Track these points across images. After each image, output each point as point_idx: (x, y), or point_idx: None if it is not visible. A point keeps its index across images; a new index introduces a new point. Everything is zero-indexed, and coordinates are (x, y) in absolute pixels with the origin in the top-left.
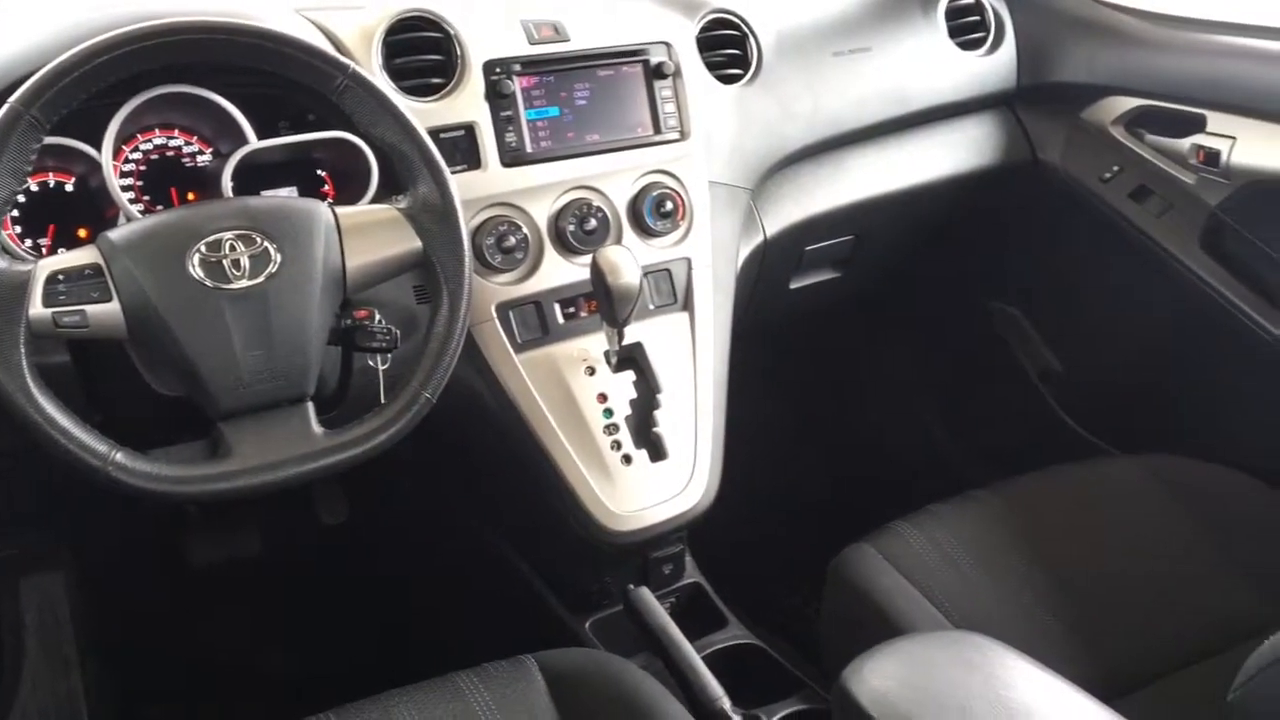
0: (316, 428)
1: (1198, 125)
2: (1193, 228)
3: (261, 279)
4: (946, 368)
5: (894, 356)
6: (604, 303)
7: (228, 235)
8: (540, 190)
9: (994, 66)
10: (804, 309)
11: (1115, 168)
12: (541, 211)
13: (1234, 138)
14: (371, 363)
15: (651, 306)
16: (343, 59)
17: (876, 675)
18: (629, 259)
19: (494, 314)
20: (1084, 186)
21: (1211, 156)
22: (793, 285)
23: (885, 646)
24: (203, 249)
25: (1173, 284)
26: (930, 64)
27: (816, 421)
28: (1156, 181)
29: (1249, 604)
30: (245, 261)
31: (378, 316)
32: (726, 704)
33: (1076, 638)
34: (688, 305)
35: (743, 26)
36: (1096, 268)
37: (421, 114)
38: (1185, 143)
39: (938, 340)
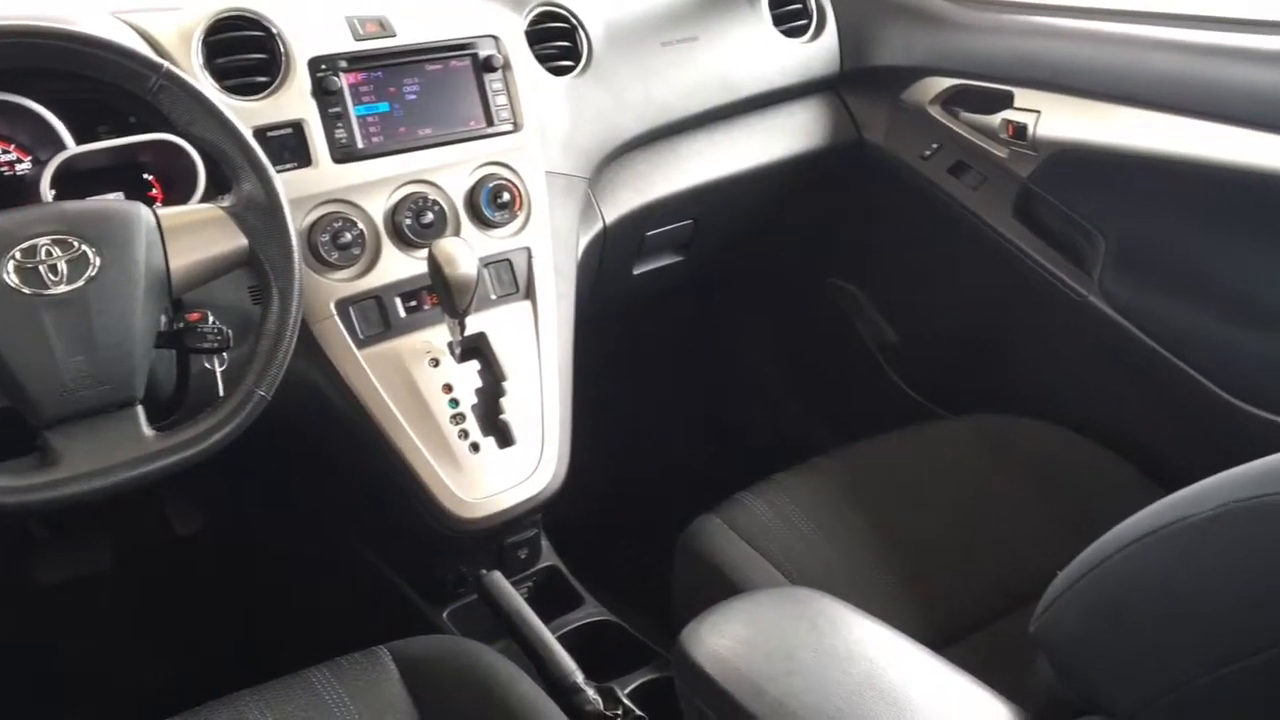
0: (148, 430)
1: (1006, 101)
2: (1006, 198)
3: (80, 283)
4: (792, 343)
5: (741, 334)
6: (443, 294)
7: (43, 240)
8: (374, 185)
9: (817, 53)
10: (650, 292)
11: (934, 145)
12: (377, 207)
13: (1038, 111)
14: (208, 364)
15: (493, 296)
16: (156, 59)
17: (713, 635)
18: (465, 250)
19: (333, 311)
20: (907, 164)
21: (1019, 130)
22: (636, 271)
23: (720, 607)
24: (17, 255)
25: (992, 253)
26: (756, 52)
27: (668, 400)
28: (972, 156)
29: (1066, 549)
30: (63, 266)
31: (210, 318)
32: (580, 678)
33: (909, 590)
34: (530, 294)
35: (571, 19)
36: (923, 241)
37: (246, 113)
38: (996, 118)
39: (782, 317)
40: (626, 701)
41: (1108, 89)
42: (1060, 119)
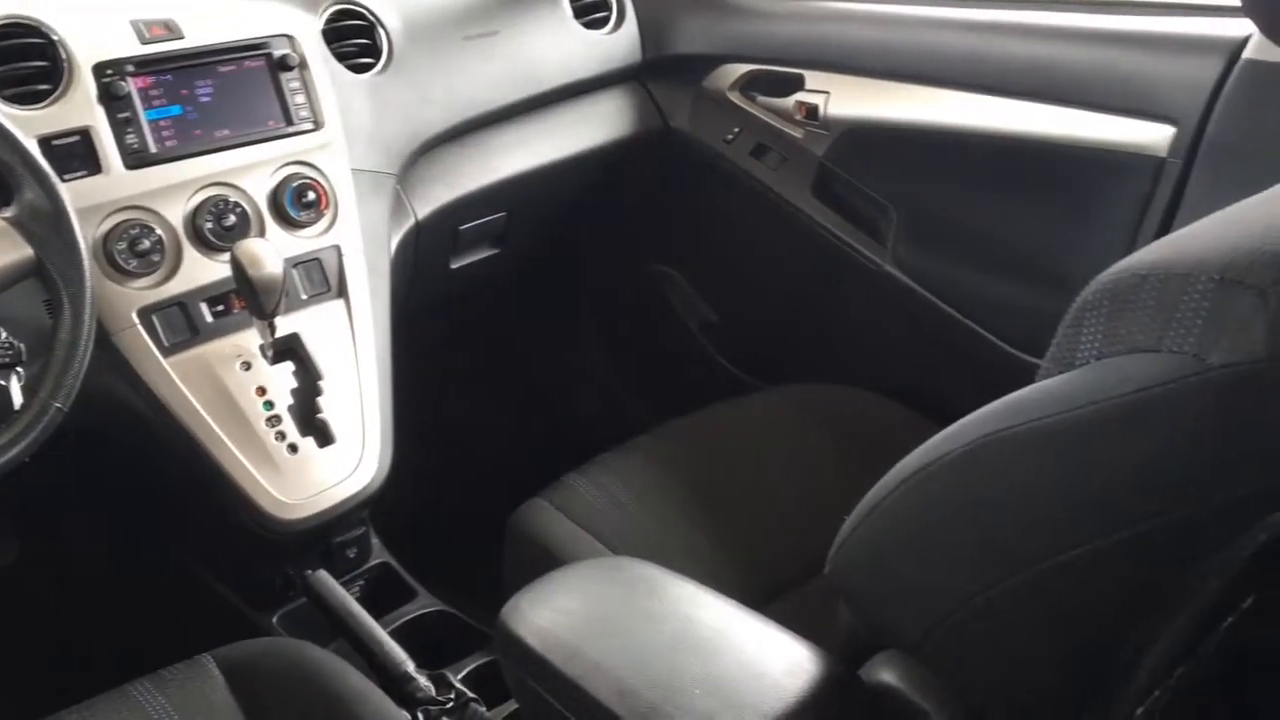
0: None
1: (798, 84)
2: (805, 177)
3: None
4: (615, 328)
5: (564, 322)
6: (249, 296)
7: None
8: (171, 190)
9: (619, 43)
10: (470, 285)
11: (736, 129)
12: (175, 211)
13: (828, 92)
14: (2, 381)
15: (305, 296)
16: None
17: (532, 607)
18: (269, 250)
19: (135, 320)
20: (711, 149)
21: (811, 111)
22: (454, 265)
23: (540, 581)
24: None
25: (795, 229)
26: (558, 44)
27: (496, 389)
28: (771, 138)
29: None
30: None
31: (2, 333)
32: (410, 667)
33: (730, 555)
34: (343, 293)
35: (369, 16)
36: (733, 223)
37: (28, 121)
38: (790, 101)
39: (604, 303)
40: (459, 685)
41: (888, 68)
42: (848, 99)
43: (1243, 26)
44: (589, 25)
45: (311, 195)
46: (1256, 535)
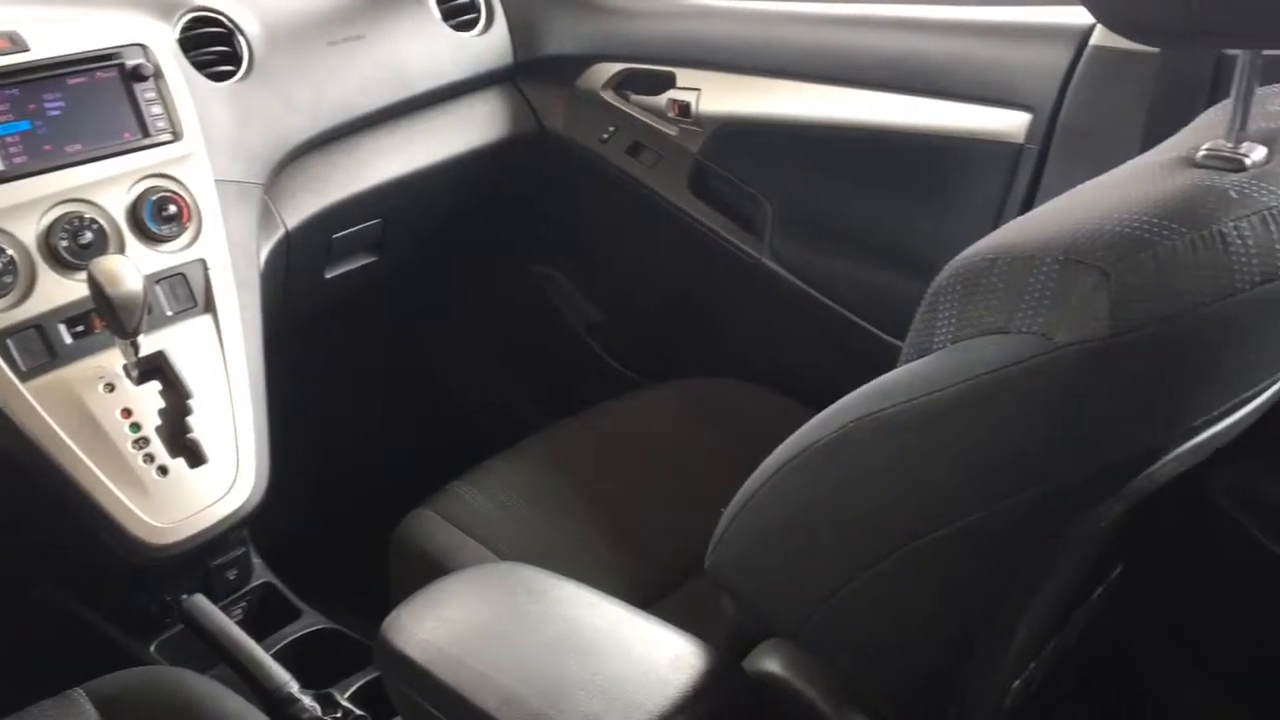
0: None
1: (670, 82)
2: (681, 173)
3: None
4: (501, 332)
5: (449, 328)
6: (109, 315)
7: None
8: (22, 209)
9: (490, 45)
10: (348, 294)
11: (611, 128)
12: (27, 231)
13: (699, 89)
14: None
15: (170, 313)
16: None
17: (412, 620)
18: (128, 266)
19: None
20: (587, 149)
21: (684, 108)
22: (329, 275)
23: (420, 593)
24: None
25: (675, 226)
26: (427, 47)
27: (382, 399)
28: (646, 136)
29: None
30: None
31: None
32: (294, 688)
33: (618, 554)
34: (210, 308)
35: (227, 23)
36: (612, 222)
37: None
38: (662, 99)
39: (489, 307)
40: (345, 704)
41: (756, 64)
42: (719, 95)
43: (1089, 14)
44: (458, 27)
45: (173, 208)
46: (1113, 506)
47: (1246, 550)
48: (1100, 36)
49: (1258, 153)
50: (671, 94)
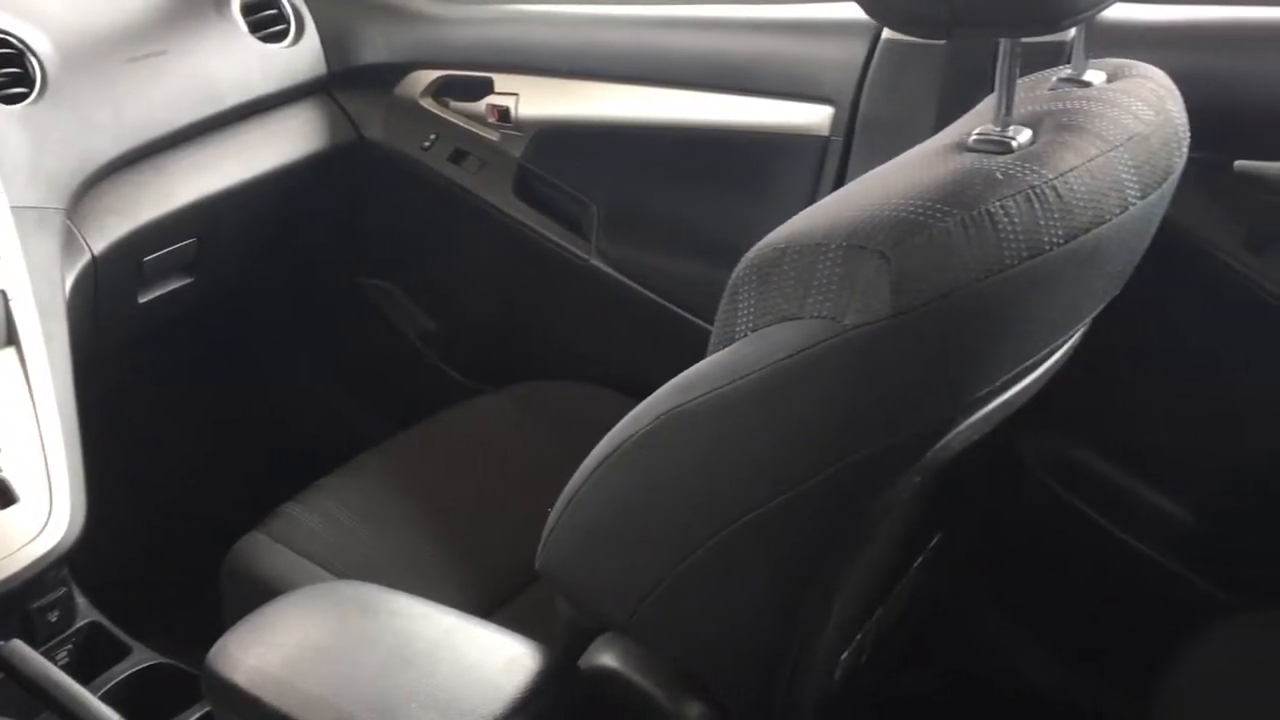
0: None
1: (488, 88)
2: (505, 179)
3: None
4: (334, 348)
5: (280, 347)
6: None
7: None
8: None
9: (301, 56)
10: (166, 318)
11: (432, 136)
12: None
13: (517, 94)
14: None
15: None
16: None
17: (239, 647)
18: None
19: None
20: (410, 157)
21: (503, 113)
22: (143, 299)
23: (248, 618)
24: None
25: (502, 232)
26: (235, 60)
27: (213, 424)
28: (468, 143)
29: None
30: None
31: None
32: None
33: (458, 565)
34: (13, 340)
35: (16, 44)
36: (440, 230)
37: None
38: (481, 104)
39: (319, 323)
40: None
41: (570, 67)
42: (537, 99)
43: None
44: (266, 39)
45: None
46: (912, 477)
47: (1057, 511)
48: (890, 30)
49: (1024, 135)
50: (490, 99)
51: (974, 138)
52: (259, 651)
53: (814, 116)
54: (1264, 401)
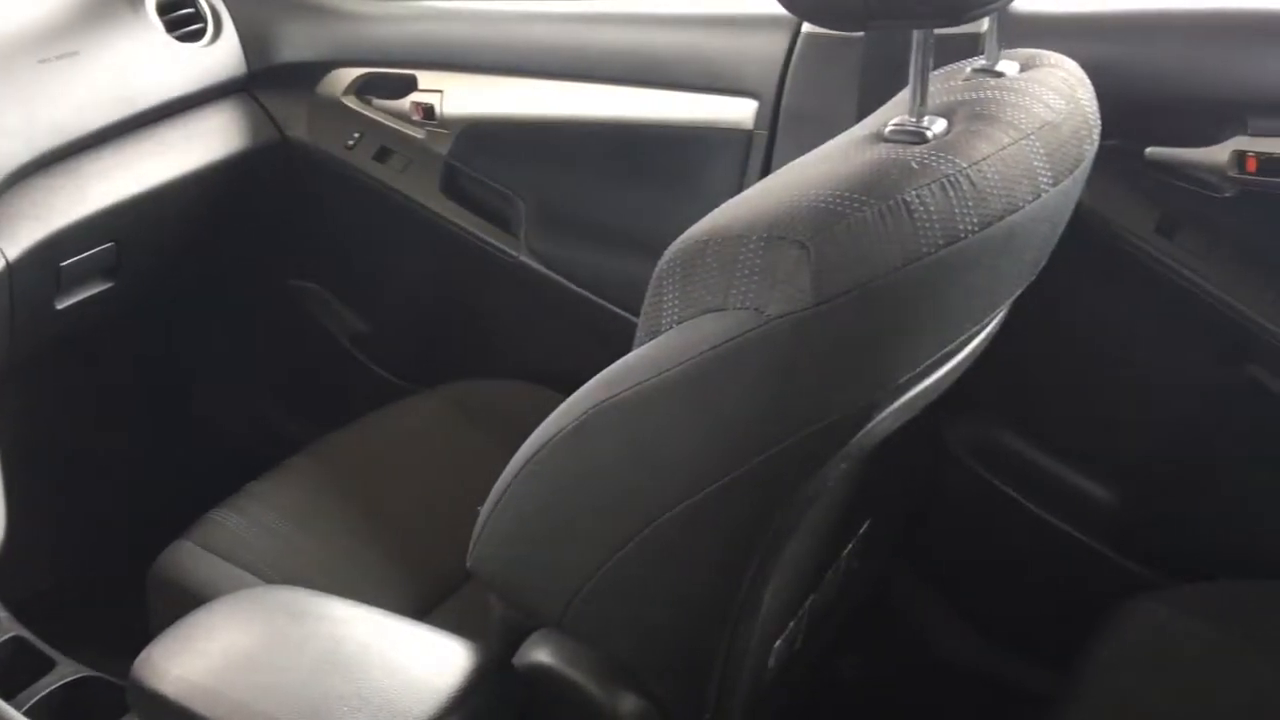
0: None
1: (412, 85)
2: (432, 176)
3: None
4: (266, 351)
5: (207, 351)
6: None
7: None
8: None
9: (220, 55)
10: (87, 325)
11: (357, 134)
12: None
13: (441, 91)
14: None
15: None
16: None
17: (166, 657)
18: None
19: None
20: (334, 156)
21: (428, 111)
22: (60, 305)
23: (174, 627)
24: None
25: (430, 231)
26: (151, 61)
27: (139, 431)
28: (393, 140)
29: None
30: None
31: None
32: None
33: (393, 566)
34: None
35: None
36: (367, 230)
37: None
38: (405, 102)
39: (246, 326)
40: None
41: (494, 64)
42: (462, 96)
43: None
44: (183, 39)
45: None
46: (838, 464)
47: (981, 494)
48: (810, 23)
49: (938, 125)
50: (414, 97)
51: (890, 128)
52: (185, 660)
53: (738, 110)
54: (1177, 383)
